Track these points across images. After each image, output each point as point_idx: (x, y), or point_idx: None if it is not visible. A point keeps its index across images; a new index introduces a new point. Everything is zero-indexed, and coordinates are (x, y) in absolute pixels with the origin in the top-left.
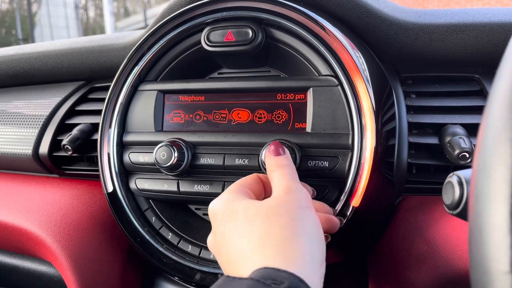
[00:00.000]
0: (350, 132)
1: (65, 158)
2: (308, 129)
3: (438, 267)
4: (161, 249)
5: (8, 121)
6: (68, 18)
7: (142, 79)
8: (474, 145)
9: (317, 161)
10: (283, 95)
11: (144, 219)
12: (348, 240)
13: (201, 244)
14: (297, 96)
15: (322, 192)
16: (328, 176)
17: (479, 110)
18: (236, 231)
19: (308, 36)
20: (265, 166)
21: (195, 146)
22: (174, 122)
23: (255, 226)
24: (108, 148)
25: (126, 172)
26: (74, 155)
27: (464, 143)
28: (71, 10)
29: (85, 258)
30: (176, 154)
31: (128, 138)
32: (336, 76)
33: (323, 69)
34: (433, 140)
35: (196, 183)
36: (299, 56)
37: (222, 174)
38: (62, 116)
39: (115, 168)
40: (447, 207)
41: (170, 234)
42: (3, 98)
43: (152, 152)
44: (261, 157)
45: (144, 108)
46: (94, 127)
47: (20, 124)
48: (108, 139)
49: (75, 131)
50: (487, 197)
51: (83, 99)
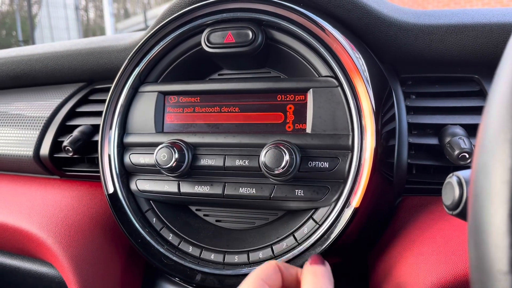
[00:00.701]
0: (350, 133)
1: (66, 160)
2: (308, 130)
3: (439, 267)
4: (161, 250)
5: (9, 122)
6: (68, 20)
7: (142, 80)
8: (474, 146)
9: (317, 162)
10: (283, 96)
11: (145, 220)
12: (349, 240)
13: (201, 245)
14: (297, 97)
15: (322, 193)
16: (328, 177)
17: (479, 110)
18: None
19: (308, 37)
20: (265, 168)
21: (196, 147)
22: (174, 124)
23: None
24: (108, 150)
25: (126, 173)
26: (75, 156)
27: (464, 143)
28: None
29: (86, 259)
30: (176, 155)
31: (129, 139)
32: (336, 77)
33: (323, 70)
34: (433, 141)
35: (196, 184)
36: (299, 57)
37: (222, 175)
38: (63, 117)
39: (115, 169)
40: (447, 208)
41: (171, 235)
42: (4, 99)
43: (153, 154)
44: (262, 158)
45: (144, 110)
46: (94, 129)
47: (21, 125)
48: (108, 140)
49: (75, 133)
50: (487, 198)
51: (83, 101)
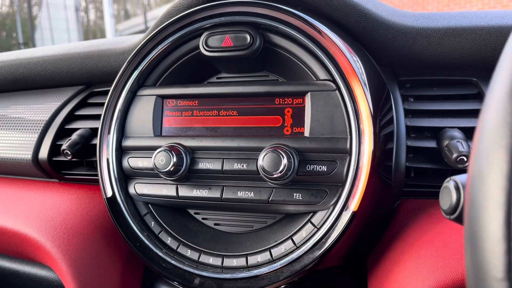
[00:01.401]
0: (348, 137)
1: (65, 163)
2: (306, 133)
3: (437, 271)
4: (160, 253)
5: (7, 126)
6: (68, 21)
7: (141, 84)
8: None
9: (315, 166)
10: (281, 99)
11: (143, 224)
12: (347, 243)
13: (200, 248)
14: (295, 101)
15: (320, 197)
16: (327, 181)
17: (477, 113)
18: None
19: (305, 40)
20: (263, 172)
21: (194, 150)
22: (172, 127)
23: None
24: (107, 153)
25: (125, 177)
26: (73, 159)
27: (462, 146)
28: (72, 13)
29: (84, 262)
30: (174, 159)
31: (127, 143)
32: (334, 81)
33: (321, 74)
34: (431, 144)
35: (195, 187)
36: (297, 61)
37: (220, 178)
38: (61, 121)
39: (114, 173)
40: (444, 212)
41: (169, 238)
42: (3, 103)
43: (151, 157)
44: (260, 161)
45: (143, 113)
46: (93, 132)
47: (19, 129)
48: (107, 144)
49: (74, 136)
50: (482, 204)
51: (82, 104)
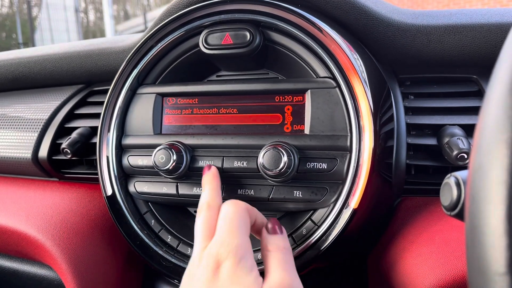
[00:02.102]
0: (349, 134)
1: (65, 162)
2: (307, 131)
3: (438, 268)
4: (160, 252)
5: (7, 125)
6: (68, 22)
7: (140, 82)
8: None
9: (315, 163)
10: (281, 97)
11: (144, 222)
12: (347, 241)
13: None
14: (295, 98)
15: (320, 194)
16: (327, 178)
17: (477, 110)
18: None
19: (305, 38)
20: (263, 169)
21: (194, 148)
22: (172, 125)
23: None
24: (107, 152)
25: (125, 175)
26: (73, 158)
27: (463, 143)
28: (71, 14)
29: (84, 261)
30: (174, 157)
31: (127, 141)
32: (334, 78)
33: (321, 71)
34: (432, 141)
35: (195, 185)
36: (297, 58)
37: (220, 176)
38: (61, 119)
39: (114, 171)
40: (445, 209)
41: (170, 237)
42: (3, 102)
43: (151, 155)
44: (260, 159)
45: (142, 111)
46: (93, 131)
47: (19, 128)
48: (107, 142)
49: (74, 135)
50: (483, 198)
51: (82, 103)
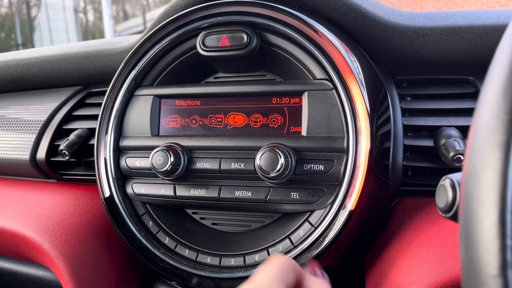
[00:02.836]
0: (345, 136)
1: (63, 163)
2: (304, 132)
3: (434, 269)
4: (158, 253)
5: (5, 126)
6: (67, 22)
7: (138, 84)
8: None
9: (312, 165)
10: (278, 99)
11: (141, 224)
12: (345, 243)
13: (198, 248)
14: (292, 100)
15: (317, 196)
16: (324, 180)
17: (474, 112)
18: None
19: (302, 40)
20: (260, 171)
21: (191, 150)
22: (170, 127)
23: None
24: (104, 153)
25: (122, 177)
26: (71, 160)
27: (459, 145)
28: (71, 14)
29: (82, 263)
30: (172, 158)
31: (125, 143)
32: (330, 80)
33: (318, 73)
34: (428, 143)
35: (192, 187)
36: (294, 60)
37: (218, 178)
38: (59, 121)
39: (111, 173)
40: (441, 210)
41: (167, 238)
42: (1, 103)
43: (149, 157)
44: (257, 161)
45: (140, 113)
46: (91, 132)
47: (17, 129)
48: (104, 144)
49: (72, 136)
50: (477, 201)
51: (80, 104)
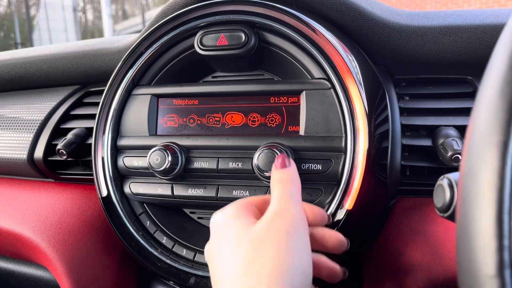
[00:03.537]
0: (343, 135)
1: (60, 163)
2: (302, 132)
3: (432, 269)
4: (155, 253)
5: (3, 125)
6: (66, 21)
7: (136, 83)
8: None
9: (310, 164)
10: (276, 98)
11: (139, 223)
12: None
13: (195, 248)
14: (290, 99)
15: (315, 195)
16: (322, 179)
17: None
18: (225, 250)
19: (300, 39)
20: (258, 171)
21: (189, 150)
22: (168, 126)
23: (241, 251)
24: (102, 153)
25: (120, 176)
26: (69, 159)
27: (457, 145)
28: (70, 13)
29: (80, 262)
30: (169, 158)
31: (122, 142)
32: (328, 79)
33: (316, 72)
34: (427, 142)
35: (190, 187)
36: (292, 59)
37: (216, 177)
38: (57, 120)
39: (109, 172)
40: (438, 210)
41: (165, 238)
42: None
43: (146, 156)
44: (255, 160)
45: (138, 112)
46: (89, 132)
47: (15, 128)
48: (102, 143)
49: (70, 136)
50: (474, 201)
51: (78, 104)
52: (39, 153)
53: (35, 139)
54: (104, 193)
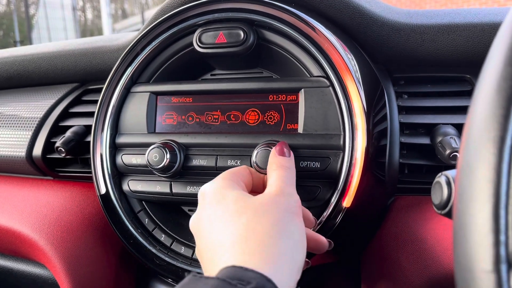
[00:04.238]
0: (342, 133)
1: (59, 160)
2: (300, 130)
3: (430, 266)
4: (154, 250)
5: (1, 123)
6: (66, 20)
7: (134, 81)
8: None
9: (308, 162)
10: (275, 96)
11: (137, 221)
12: (341, 240)
13: (194, 245)
14: (289, 97)
15: (314, 193)
16: (320, 177)
17: None
18: (223, 218)
19: (299, 37)
20: (257, 168)
21: (188, 147)
22: (166, 124)
23: (243, 219)
24: (101, 150)
25: (119, 174)
26: (67, 157)
27: (455, 143)
28: (69, 12)
29: (78, 260)
30: (168, 155)
31: (121, 140)
32: (327, 77)
33: (315, 70)
34: (425, 140)
35: (188, 184)
36: (291, 57)
37: (214, 175)
38: (55, 118)
39: (108, 170)
40: (436, 207)
41: (163, 235)
42: None
43: (145, 154)
44: (253, 158)
45: (136, 110)
46: (87, 129)
47: (13, 126)
48: (101, 141)
49: (68, 133)
50: (471, 197)
51: (76, 101)
52: (37, 150)
53: (34, 137)
54: (103, 191)
